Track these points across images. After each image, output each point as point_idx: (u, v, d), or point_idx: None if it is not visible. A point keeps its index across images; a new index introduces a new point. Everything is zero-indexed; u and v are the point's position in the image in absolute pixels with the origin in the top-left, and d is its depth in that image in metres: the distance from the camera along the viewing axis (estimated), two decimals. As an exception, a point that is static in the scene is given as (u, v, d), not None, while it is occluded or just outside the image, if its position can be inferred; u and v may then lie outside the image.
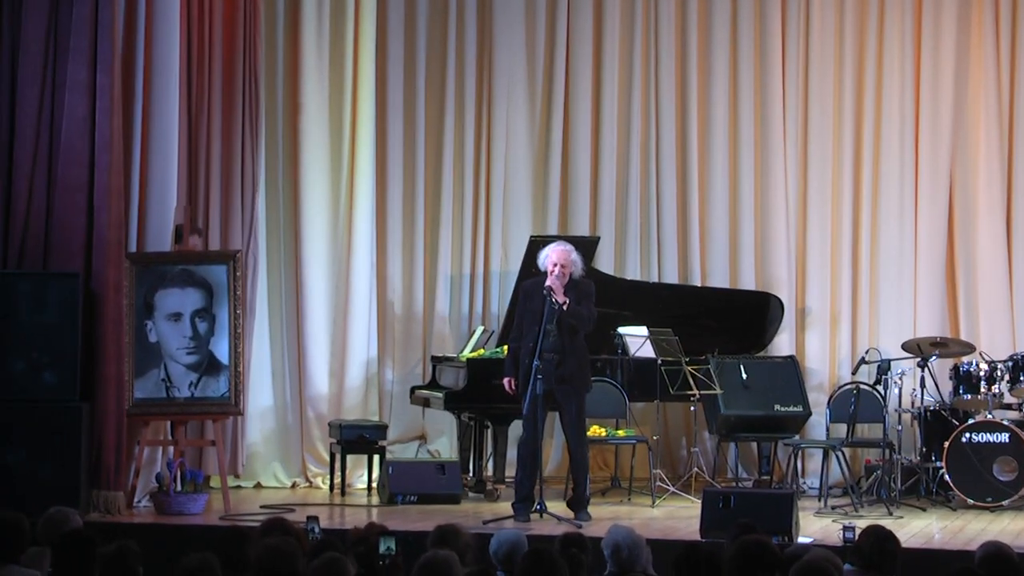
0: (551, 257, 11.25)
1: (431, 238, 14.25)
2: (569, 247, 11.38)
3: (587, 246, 12.73)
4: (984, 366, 12.62)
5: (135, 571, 6.21)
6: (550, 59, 14.36)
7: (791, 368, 13.39)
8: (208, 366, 11.77)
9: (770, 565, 6.56)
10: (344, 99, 13.88)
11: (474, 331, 13.58)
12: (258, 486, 13.42)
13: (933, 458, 12.64)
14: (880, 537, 7.33)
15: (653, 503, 12.34)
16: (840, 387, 13.18)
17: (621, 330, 12.72)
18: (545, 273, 11.25)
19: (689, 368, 12.44)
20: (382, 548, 6.86)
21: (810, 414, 13.19)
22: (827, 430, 13.01)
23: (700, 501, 10.63)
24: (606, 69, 14.31)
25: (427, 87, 14.24)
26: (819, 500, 12.35)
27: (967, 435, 12.36)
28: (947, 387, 12.92)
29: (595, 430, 12.76)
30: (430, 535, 7.20)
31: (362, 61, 13.96)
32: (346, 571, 6.09)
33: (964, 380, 12.67)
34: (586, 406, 11.47)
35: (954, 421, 12.65)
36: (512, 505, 11.21)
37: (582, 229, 14.14)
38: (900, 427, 12.61)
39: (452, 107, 14.26)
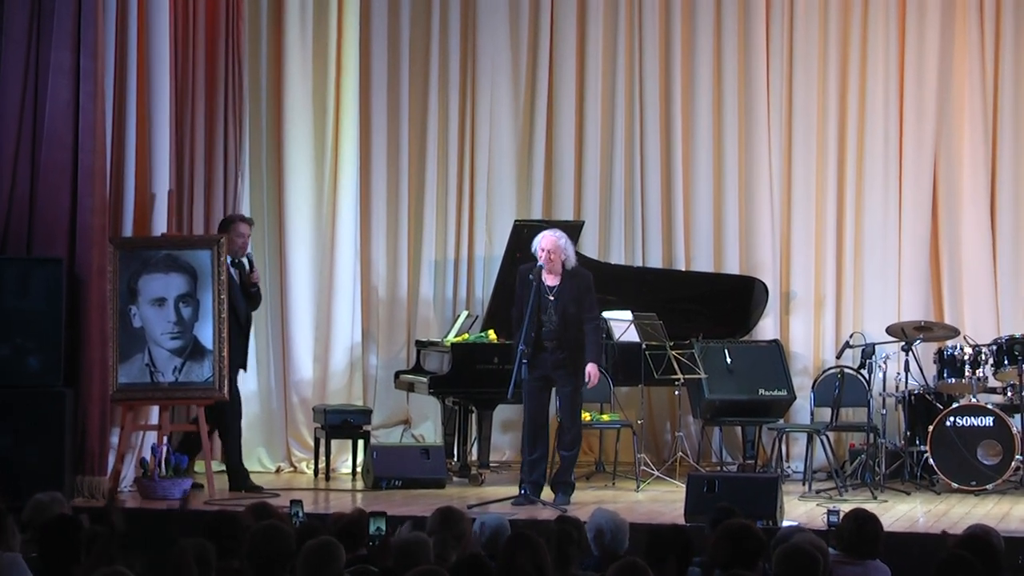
0: (540, 244, 11.28)
1: (415, 223, 14.24)
2: (559, 234, 11.38)
3: (571, 230, 12.66)
4: (968, 350, 12.64)
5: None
6: (534, 43, 14.34)
7: (775, 352, 13.40)
8: (192, 351, 11.75)
9: (754, 550, 6.58)
10: (328, 84, 13.86)
11: (458, 316, 13.58)
12: (242, 471, 13.42)
13: (917, 442, 12.66)
14: (861, 520, 7.35)
15: (638, 487, 12.35)
16: (824, 371, 13.20)
17: (605, 314, 12.67)
18: (536, 259, 11.28)
19: (673, 352, 12.45)
20: (372, 529, 6.86)
21: (794, 398, 13.21)
22: (811, 414, 13.03)
23: (684, 485, 10.63)
24: (590, 54, 14.29)
25: (411, 72, 14.22)
26: (804, 484, 12.35)
27: (951, 419, 12.38)
28: (931, 371, 12.93)
29: (579, 414, 12.78)
30: (430, 518, 7.18)
31: (346, 46, 13.92)
32: (338, 555, 6.07)
33: (948, 364, 12.69)
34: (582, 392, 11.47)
35: (938, 405, 12.67)
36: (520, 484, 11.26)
37: (566, 214, 14.12)
38: (884, 411, 12.61)
39: (436, 91, 14.24)
